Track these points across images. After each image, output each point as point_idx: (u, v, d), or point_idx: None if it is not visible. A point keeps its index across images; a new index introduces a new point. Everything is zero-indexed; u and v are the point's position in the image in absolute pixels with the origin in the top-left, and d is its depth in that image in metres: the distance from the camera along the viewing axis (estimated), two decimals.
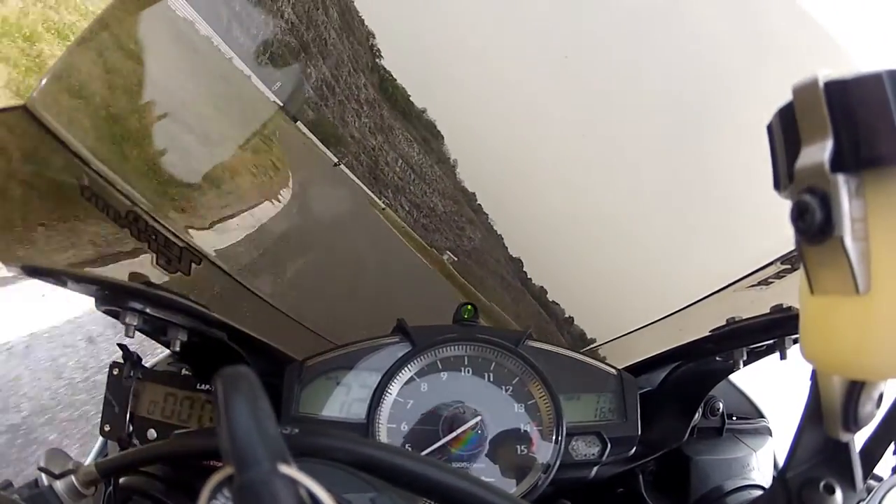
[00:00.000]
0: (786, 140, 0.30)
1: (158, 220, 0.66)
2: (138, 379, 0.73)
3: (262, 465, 0.25)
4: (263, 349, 0.77)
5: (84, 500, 0.50)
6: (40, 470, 0.51)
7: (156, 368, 0.83)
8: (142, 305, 0.67)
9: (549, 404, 0.69)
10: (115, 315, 0.68)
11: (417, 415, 0.69)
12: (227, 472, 0.25)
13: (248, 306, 0.81)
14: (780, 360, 0.69)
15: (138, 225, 0.65)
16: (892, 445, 0.42)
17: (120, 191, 0.65)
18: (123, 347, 0.74)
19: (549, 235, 1.00)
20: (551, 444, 0.68)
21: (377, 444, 0.39)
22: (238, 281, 0.78)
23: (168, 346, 0.72)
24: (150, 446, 0.50)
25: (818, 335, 0.31)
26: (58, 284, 0.68)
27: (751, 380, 0.89)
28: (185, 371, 0.79)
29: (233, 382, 0.27)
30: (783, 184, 0.31)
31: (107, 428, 0.71)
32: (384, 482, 0.39)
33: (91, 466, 0.49)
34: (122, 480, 0.64)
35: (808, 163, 0.28)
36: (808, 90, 0.28)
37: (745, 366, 0.73)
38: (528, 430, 0.69)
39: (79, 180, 0.63)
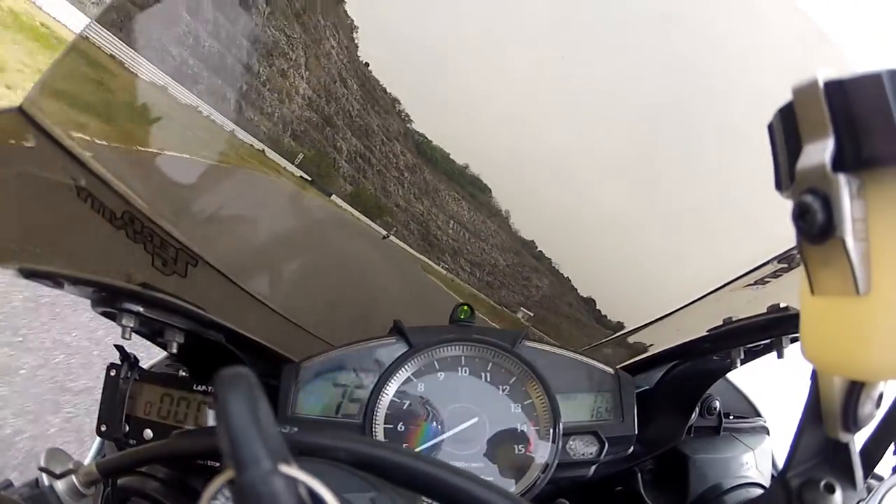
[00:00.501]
0: (786, 140, 0.30)
1: (154, 222, 0.65)
2: (135, 380, 0.73)
3: (263, 465, 0.25)
4: (260, 350, 0.76)
5: (84, 500, 0.50)
6: (41, 470, 0.51)
7: (153, 370, 0.82)
8: (138, 307, 0.66)
9: (545, 404, 0.69)
10: (112, 317, 0.68)
11: (414, 415, 0.69)
12: (229, 474, 0.25)
13: (245, 308, 0.81)
14: (778, 359, 0.70)
15: (134, 226, 0.64)
16: (892, 445, 0.42)
17: (116, 192, 0.64)
18: (120, 349, 0.74)
19: (616, 270, 0.96)
20: (549, 444, 0.68)
21: (377, 443, 0.39)
22: (235, 283, 0.77)
23: (165, 347, 0.72)
24: (151, 446, 0.50)
25: (818, 335, 0.31)
26: (54, 286, 0.68)
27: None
28: (181, 372, 0.79)
29: (232, 383, 0.27)
30: (784, 184, 0.31)
31: (103, 428, 0.71)
32: (384, 481, 0.38)
33: (92, 466, 0.49)
34: (121, 481, 0.63)
35: (809, 163, 0.28)
36: (808, 90, 0.28)
37: (742, 365, 0.73)
38: (526, 429, 0.69)
39: (74, 181, 0.63)
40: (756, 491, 0.75)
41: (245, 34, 0.87)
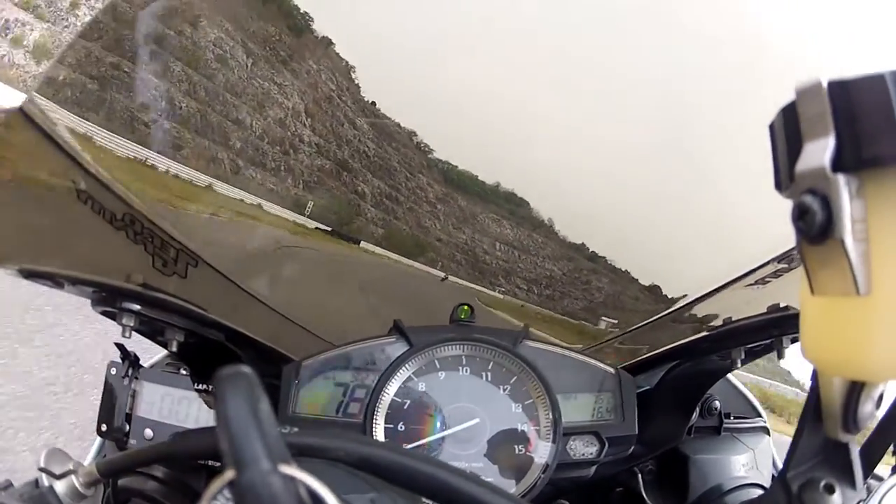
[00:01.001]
0: (787, 139, 0.30)
1: (154, 223, 0.65)
2: (136, 379, 0.73)
3: (263, 465, 0.25)
4: (261, 349, 0.76)
5: (84, 500, 0.49)
6: (41, 470, 0.51)
7: (153, 368, 0.82)
8: (138, 307, 0.66)
9: (546, 404, 0.69)
10: (112, 316, 0.67)
11: (415, 414, 0.69)
12: (229, 475, 0.25)
13: (245, 307, 0.81)
14: (778, 359, 0.70)
15: (134, 227, 0.64)
16: (892, 445, 0.42)
17: (115, 193, 0.64)
18: (121, 347, 0.74)
19: (669, 249, 0.93)
20: (549, 444, 0.68)
21: (377, 443, 0.39)
22: (234, 283, 0.77)
23: (165, 346, 0.72)
24: (151, 446, 0.50)
25: (819, 336, 0.31)
26: (54, 287, 0.68)
27: None
28: (182, 371, 0.79)
29: (233, 382, 0.26)
30: (784, 184, 0.31)
31: (104, 428, 0.71)
32: (384, 482, 0.38)
33: (92, 467, 0.49)
34: (121, 481, 0.63)
35: (809, 164, 0.28)
36: (811, 90, 0.28)
37: (742, 365, 0.73)
38: (526, 429, 0.69)
39: (74, 183, 0.63)
40: (756, 491, 0.75)
41: (227, 88, 0.85)
